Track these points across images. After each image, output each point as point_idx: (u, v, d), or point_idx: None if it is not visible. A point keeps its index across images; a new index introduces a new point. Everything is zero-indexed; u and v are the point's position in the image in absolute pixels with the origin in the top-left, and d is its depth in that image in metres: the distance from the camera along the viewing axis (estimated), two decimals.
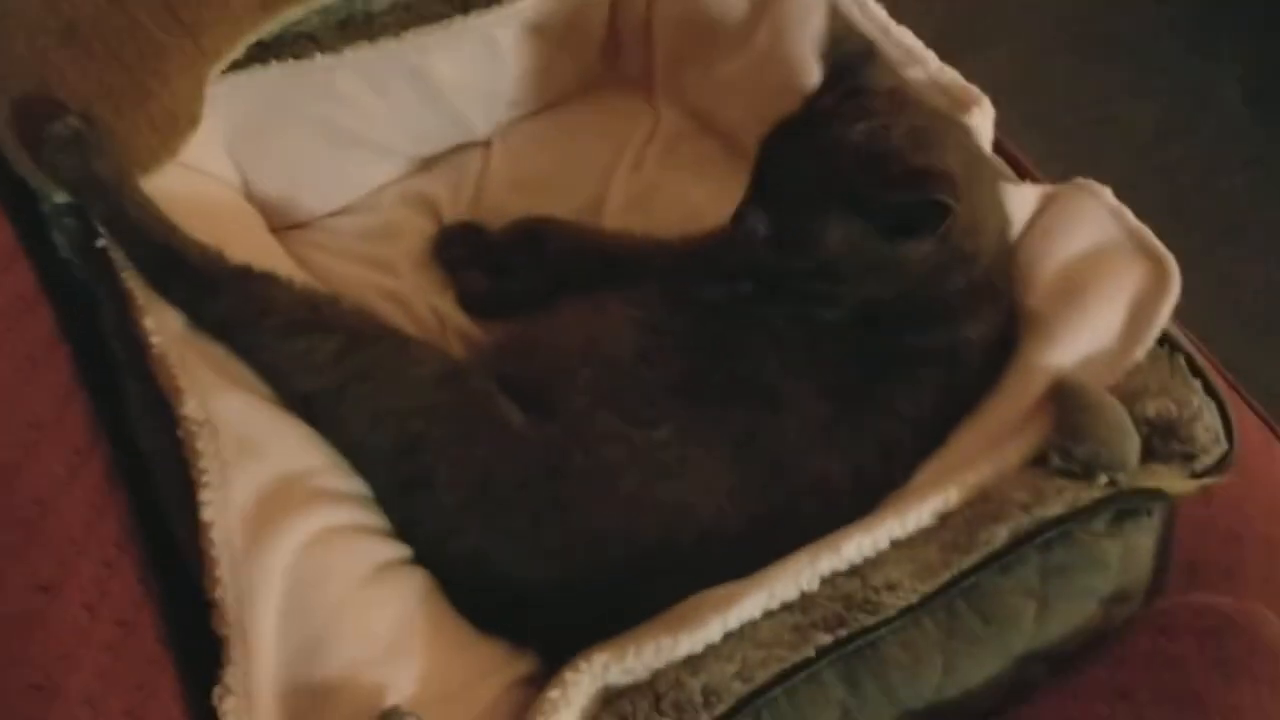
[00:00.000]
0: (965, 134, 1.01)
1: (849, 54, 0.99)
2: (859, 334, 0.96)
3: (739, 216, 0.96)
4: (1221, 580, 1.01)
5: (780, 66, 1.15)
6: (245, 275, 0.94)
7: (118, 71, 0.96)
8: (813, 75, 1.13)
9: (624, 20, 1.25)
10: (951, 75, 1.11)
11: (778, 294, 0.97)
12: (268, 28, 1.04)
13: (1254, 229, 1.95)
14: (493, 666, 0.87)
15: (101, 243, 0.95)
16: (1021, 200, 1.03)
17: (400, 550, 0.90)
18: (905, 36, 1.13)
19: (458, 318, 1.12)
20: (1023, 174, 1.13)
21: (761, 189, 0.96)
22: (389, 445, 0.91)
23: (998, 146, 1.12)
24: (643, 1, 1.23)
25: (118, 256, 0.95)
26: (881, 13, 1.14)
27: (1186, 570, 0.97)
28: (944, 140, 0.96)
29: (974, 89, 1.09)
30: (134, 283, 0.93)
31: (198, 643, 0.80)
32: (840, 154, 0.91)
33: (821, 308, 0.96)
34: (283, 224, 1.16)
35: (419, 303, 1.12)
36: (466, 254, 1.16)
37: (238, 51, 1.03)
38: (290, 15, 1.04)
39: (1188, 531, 0.94)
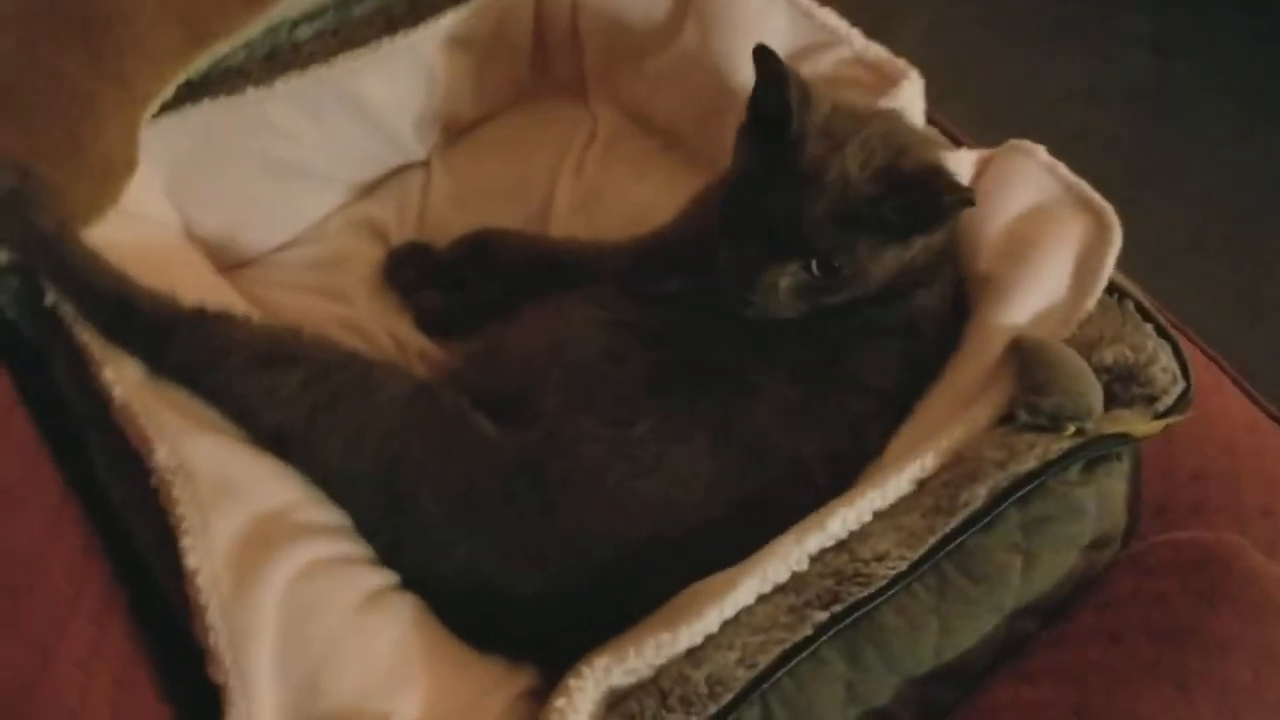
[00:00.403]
0: (900, 118, 1.03)
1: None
2: (821, 315, 0.97)
3: (748, 278, 0.93)
4: (1191, 517, 1.04)
5: (710, 58, 1.16)
6: (201, 317, 0.93)
7: (48, 125, 0.94)
8: (743, 65, 1.15)
9: (549, 27, 1.25)
10: (877, 51, 1.13)
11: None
12: (195, 66, 1.03)
13: (1167, 177, 2.00)
14: (493, 683, 0.87)
15: (50, 300, 0.93)
16: (959, 166, 1.05)
17: (388, 577, 0.89)
18: (829, 17, 1.15)
19: (417, 339, 1.11)
20: (956, 142, 1.15)
21: (762, 246, 0.94)
22: (367, 470, 0.91)
23: (928, 118, 1.14)
24: (566, 8, 1.23)
25: (68, 312, 0.93)
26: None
27: (1156, 512, 1.00)
28: (902, 132, 0.98)
29: (901, 62, 1.11)
30: (88, 337, 0.91)
31: (197, 693, 0.78)
32: (844, 184, 0.92)
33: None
34: (229, 263, 1.14)
35: (376, 329, 1.11)
36: (418, 274, 1.15)
37: (167, 93, 1.02)
38: (216, 51, 1.03)
39: (1152, 475, 0.97)
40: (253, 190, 1.12)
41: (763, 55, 0.93)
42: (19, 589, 0.68)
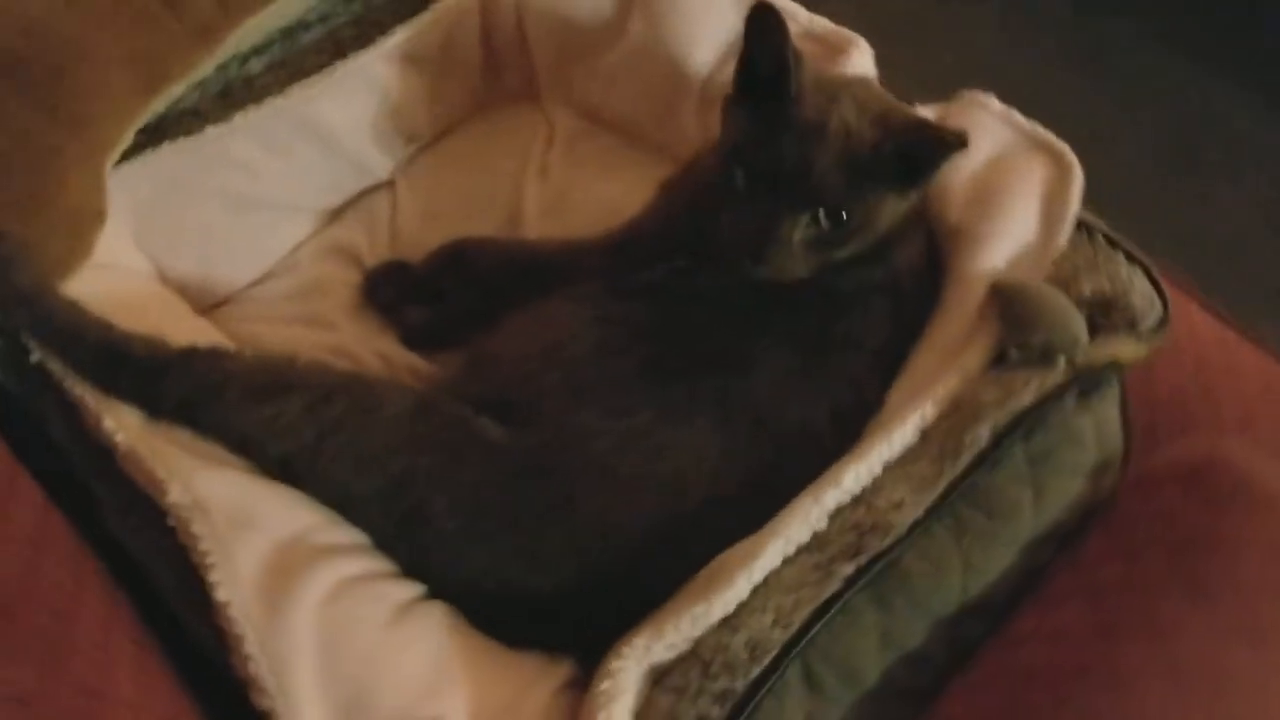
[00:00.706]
0: (868, 81, 1.05)
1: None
2: (805, 282, 0.99)
3: (761, 236, 0.95)
4: (1178, 436, 1.07)
5: (660, 49, 1.18)
6: (193, 355, 0.93)
7: (14, 182, 0.93)
8: (694, 52, 1.17)
9: (496, 36, 1.26)
10: (823, 23, 1.15)
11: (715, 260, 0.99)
12: (151, 110, 1.02)
13: (1095, 119, 2.06)
14: (534, 678, 0.87)
15: (36, 357, 0.92)
16: None
17: (414, 589, 0.90)
18: None
19: (405, 356, 1.12)
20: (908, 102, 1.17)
21: (760, 195, 0.96)
22: (378, 488, 0.91)
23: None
24: (512, 15, 1.24)
25: (56, 368, 0.92)
26: None
27: (1146, 435, 1.02)
28: (878, 91, 1.02)
29: (847, 32, 1.14)
30: (80, 389, 0.90)
31: None
32: (847, 133, 0.94)
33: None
34: (207, 304, 1.14)
35: (363, 351, 1.11)
36: (397, 292, 1.15)
37: (127, 139, 1.01)
38: (171, 94, 1.03)
39: (1135, 399, 0.99)
40: (221, 228, 1.12)
41: (761, 12, 0.95)
42: (59, 635, 0.67)
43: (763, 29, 0.95)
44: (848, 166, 0.94)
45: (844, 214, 0.95)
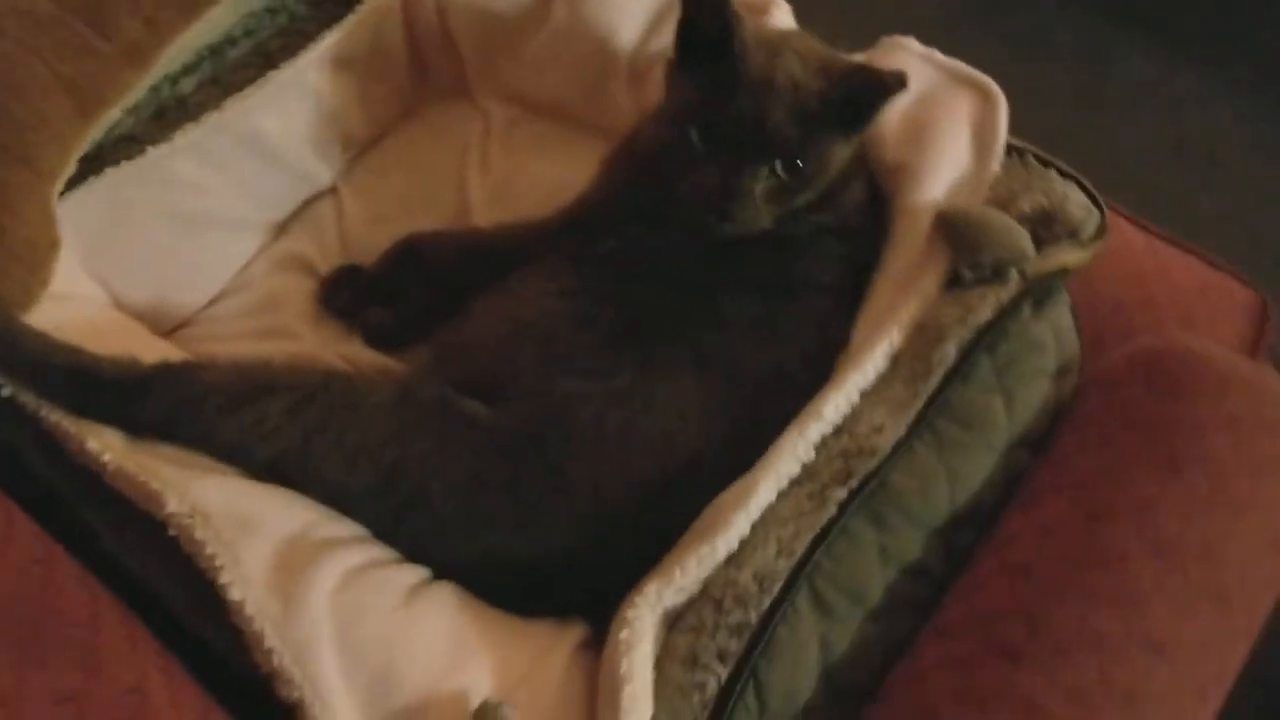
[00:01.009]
0: (802, 32, 1.09)
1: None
2: (761, 233, 1.01)
3: (725, 192, 0.97)
4: (1123, 343, 1.11)
5: (584, 29, 1.20)
6: (168, 371, 0.92)
7: None
8: (618, 28, 1.19)
9: (421, 35, 1.27)
10: None
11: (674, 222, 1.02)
12: (91, 136, 1.02)
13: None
14: (549, 643, 0.89)
15: (7, 391, 0.91)
16: None
17: (420, 572, 0.90)
18: None
19: (371, 358, 1.11)
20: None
21: (718, 154, 0.98)
22: (371, 481, 0.91)
23: None
24: (433, 12, 1.25)
25: (29, 399, 0.91)
26: None
27: (1094, 347, 1.06)
28: (814, 41, 1.05)
29: None
30: (57, 417, 0.90)
31: None
32: (795, 85, 0.97)
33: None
34: (164, 329, 1.13)
35: (328, 356, 1.10)
36: (354, 296, 1.16)
37: (71, 168, 1.01)
38: (108, 118, 1.03)
39: (1083, 317, 1.03)
40: (171, 250, 1.11)
41: None
42: (93, 644, 0.67)
43: None
44: (799, 117, 0.97)
45: (800, 163, 0.98)
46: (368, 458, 0.91)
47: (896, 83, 0.97)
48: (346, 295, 1.16)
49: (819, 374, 0.98)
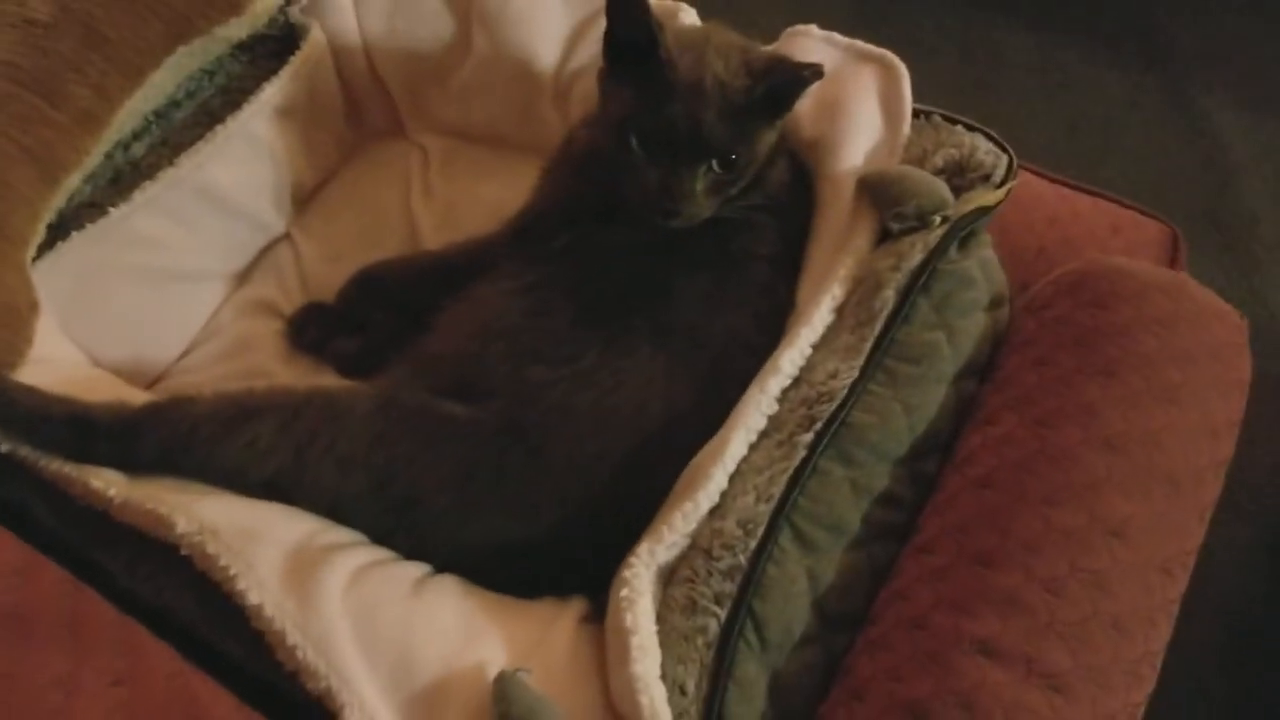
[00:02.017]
0: (719, 28, 1.15)
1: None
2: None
3: (671, 191, 1.03)
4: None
5: (506, 55, 1.27)
6: (157, 407, 0.96)
7: None
8: (538, 51, 1.26)
9: (352, 80, 1.33)
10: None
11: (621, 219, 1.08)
12: (55, 203, 1.06)
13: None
14: (553, 617, 0.93)
15: (6, 447, 0.95)
16: None
17: (422, 567, 0.95)
18: None
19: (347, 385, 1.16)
20: None
21: (659, 158, 1.04)
22: (364, 486, 0.95)
23: None
24: (361, 56, 1.31)
25: (28, 452, 0.94)
26: None
27: (1020, 290, 1.13)
28: (733, 37, 1.11)
29: (672, 3, 1.23)
30: (57, 464, 0.93)
31: None
32: (721, 85, 1.03)
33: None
34: (141, 386, 1.16)
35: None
36: (321, 331, 1.20)
37: (40, 234, 1.05)
38: (69, 184, 1.07)
39: (1006, 263, 1.09)
40: (140, 306, 1.16)
41: None
42: (134, 643, 0.71)
43: (625, 5, 1.04)
44: (728, 115, 1.03)
45: (734, 156, 1.05)
46: (359, 464, 0.95)
47: (814, 74, 1.04)
48: (313, 331, 1.21)
49: (771, 334, 1.04)
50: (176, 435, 0.95)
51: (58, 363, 1.07)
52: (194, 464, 0.94)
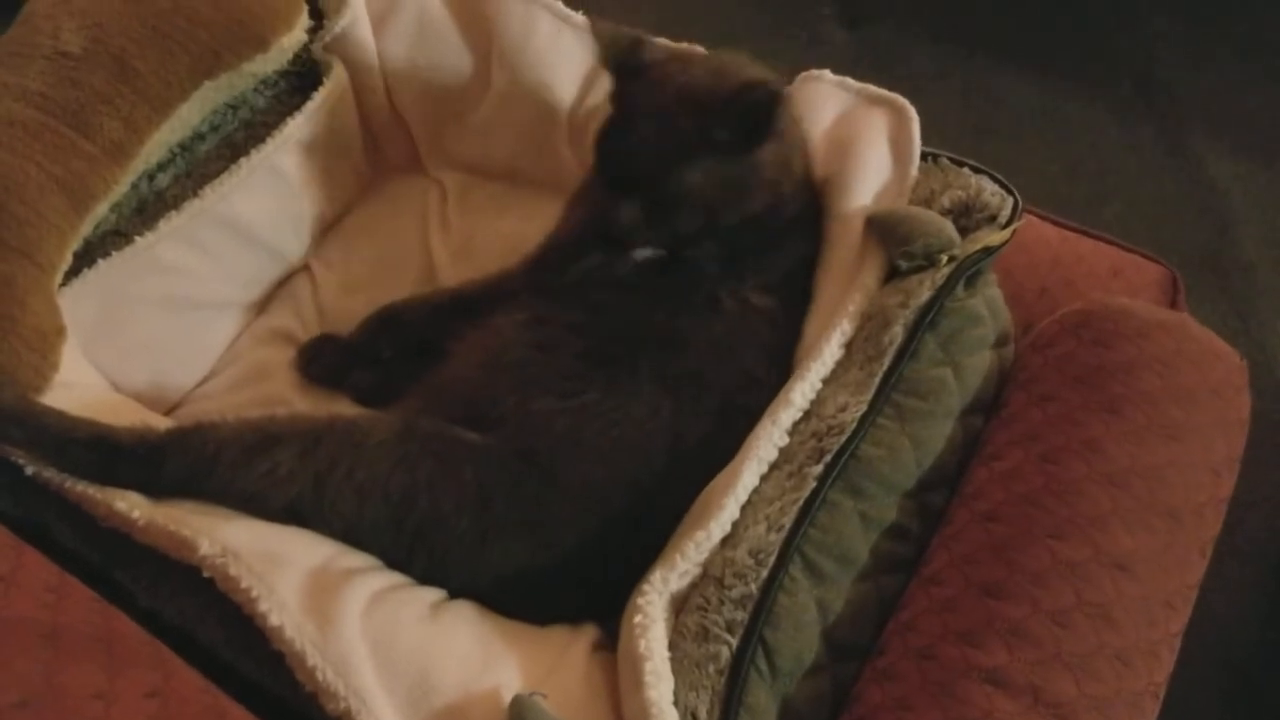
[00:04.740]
0: (726, 54, 1.18)
1: (623, 49, 1.13)
2: (706, 255, 1.10)
3: (612, 220, 1.07)
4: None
5: (523, 92, 1.30)
6: (182, 432, 0.98)
7: None
8: (555, 88, 1.29)
9: (372, 115, 1.36)
10: (663, 43, 1.28)
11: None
12: (83, 231, 1.09)
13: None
14: (567, 643, 0.95)
15: (31, 470, 0.97)
16: None
17: (437, 592, 0.97)
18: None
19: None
20: None
21: (615, 184, 1.09)
22: (384, 513, 0.97)
23: None
24: (381, 91, 1.35)
25: (53, 475, 0.96)
26: (583, 18, 1.31)
27: (1024, 330, 1.15)
28: (740, 65, 1.13)
29: (686, 46, 1.27)
30: (81, 486, 0.95)
31: None
32: (666, 112, 1.06)
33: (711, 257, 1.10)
34: (162, 409, 1.18)
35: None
36: (331, 362, 1.22)
37: (67, 261, 1.07)
38: (98, 213, 1.10)
39: (1011, 304, 1.12)
40: (162, 333, 1.18)
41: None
42: (164, 660, 0.73)
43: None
44: (665, 150, 1.06)
45: (670, 191, 1.07)
46: (378, 490, 0.97)
47: (769, 96, 1.04)
48: (326, 361, 1.23)
49: (779, 370, 1.06)
50: (200, 461, 0.96)
51: (81, 387, 1.09)
52: (215, 489, 0.96)
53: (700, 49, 1.23)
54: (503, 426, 1.02)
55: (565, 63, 1.29)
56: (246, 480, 0.96)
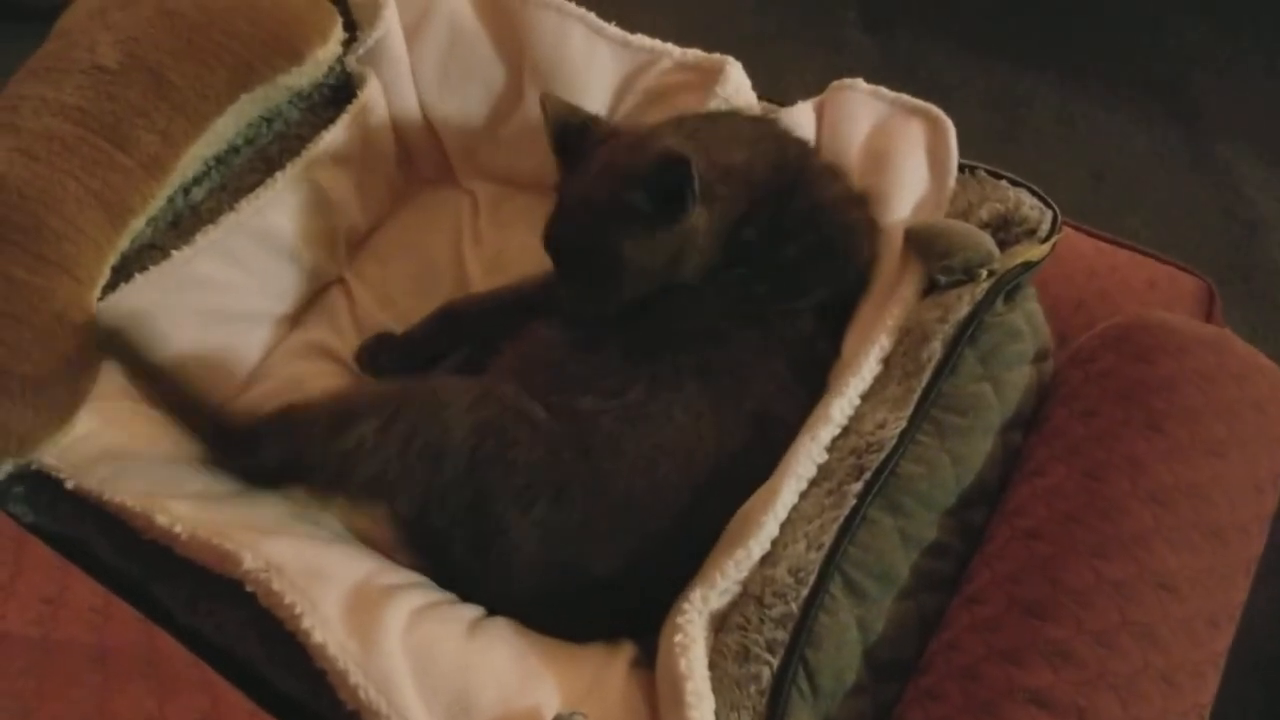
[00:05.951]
0: (697, 116, 1.18)
1: (571, 134, 1.15)
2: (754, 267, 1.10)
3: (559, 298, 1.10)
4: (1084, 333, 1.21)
5: None
6: (270, 415, 1.00)
7: (19, 327, 0.99)
8: (585, 100, 1.29)
9: (405, 130, 1.36)
10: (695, 54, 1.29)
11: None
12: (121, 245, 1.09)
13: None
14: (605, 661, 0.95)
15: (71, 484, 0.97)
16: (803, 116, 1.22)
17: (476, 610, 0.97)
18: (643, 40, 1.30)
19: None
20: (788, 103, 1.30)
21: (556, 263, 1.11)
22: (451, 481, 0.96)
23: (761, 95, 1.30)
24: (416, 109, 1.35)
25: (92, 489, 0.97)
26: (616, 30, 1.31)
27: (1060, 343, 1.15)
28: (664, 131, 1.12)
29: (719, 56, 1.27)
30: (122, 498, 0.95)
31: None
32: (589, 194, 1.08)
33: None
34: None
35: None
36: (395, 358, 1.23)
37: (105, 275, 1.08)
38: (135, 227, 1.10)
39: (1047, 317, 1.11)
40: (197, 346, 1.18)
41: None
42: (209, 684, 0.73)
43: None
44: (585, 228, 1.08)
45: (586, 267, 1.08)
46: (450, 458, 0.96)
47: (678, 168, 1.01)
48: (384, 359, 1.23)
49: (815, 385, 1.06)
50: (290, 440, 0.98)
51: (113, 399, 1.09)
52: (307, 469, 0.97)
53: (645, 121, 1.23)
54: (554, 416, 1.02)
55: (598, 75, 1.29)
56: (331, 457, 0.96)
